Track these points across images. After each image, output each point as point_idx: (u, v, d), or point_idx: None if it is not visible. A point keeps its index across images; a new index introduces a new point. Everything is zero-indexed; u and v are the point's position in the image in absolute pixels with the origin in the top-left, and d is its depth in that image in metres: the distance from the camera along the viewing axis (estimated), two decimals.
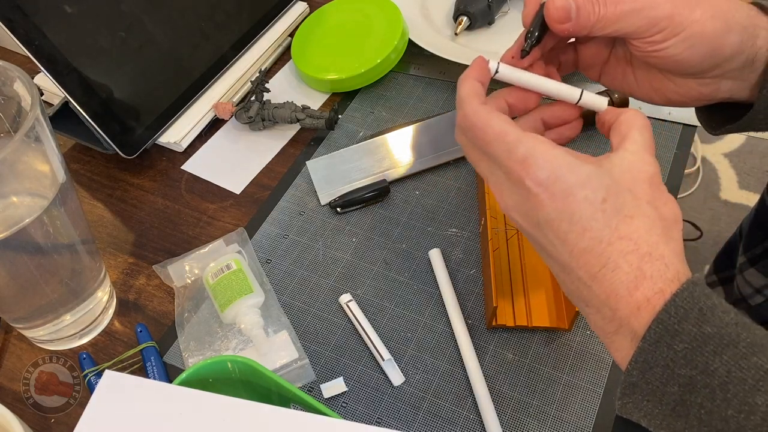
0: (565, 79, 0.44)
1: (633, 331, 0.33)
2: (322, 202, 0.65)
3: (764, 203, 0.68)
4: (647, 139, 0.37)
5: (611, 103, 0.64)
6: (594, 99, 0.41)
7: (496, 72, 0.41)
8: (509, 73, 0.42)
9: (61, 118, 0.67)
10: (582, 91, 0.41)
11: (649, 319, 0.33)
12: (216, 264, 0.58)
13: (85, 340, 0.58)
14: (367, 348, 0.55)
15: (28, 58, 0.61)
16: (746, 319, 0.32)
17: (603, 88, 0.68)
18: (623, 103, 0.65)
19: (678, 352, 0.32)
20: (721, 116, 0.45)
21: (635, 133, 0.37)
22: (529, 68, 0.43)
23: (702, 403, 0.32)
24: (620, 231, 0.34)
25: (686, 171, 1.49)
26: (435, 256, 0.60)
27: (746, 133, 1.60)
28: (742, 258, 0.72)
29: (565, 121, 0.44)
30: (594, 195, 0.34)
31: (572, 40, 0.46)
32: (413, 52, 0.76)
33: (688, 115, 0.68)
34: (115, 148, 0.67)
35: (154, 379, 0.54)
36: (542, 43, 0.41)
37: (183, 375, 0.41)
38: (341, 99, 0.75)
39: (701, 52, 0.39)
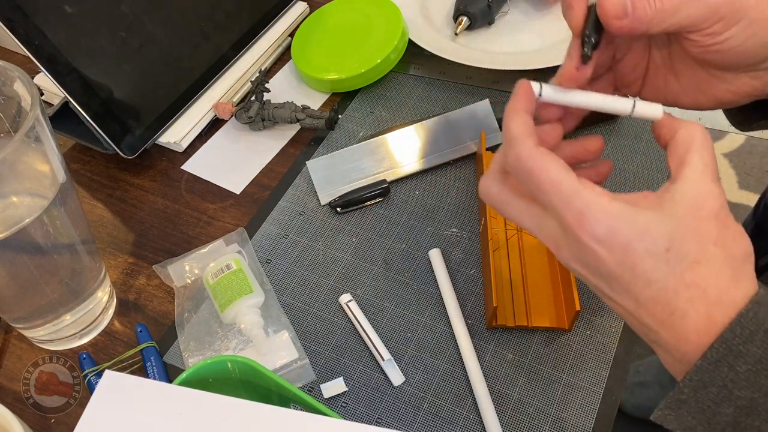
0: None
1: None
2: (322, 202, 0.65)
3: (767, 212, 0.66)
4: (708, 162, 0.35)
5: None
6: (648, 109, 0.39)
7: (540, 95, 0.39)
8: (554, 94, 0.39)
9: (61, 118, 0.67)
10: (635, 101, 0.39)
11: None
12: (216, 264, 0.58)
13: (85, 340, 0.58)
14: (367, 348, 0.55)
15: (28, 58, 0.61)
16: None
17: None
18: None
19: (740, 373, 0.31)
20: (753, 112, 0.43)
21: (694, 156, 0.35)
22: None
23: (760, 426, 0.31)
24: (686, 278, 0.33)
25: None
26: (435, 256, 0.60)
27: (747, 133, 1.60)
28: None
29: (592, 153, 0.42)
30: (655, 246, 0.33)
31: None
32: (413, 52, 0.76)
33: (688, 115, 0.68)
34: (115, 148, 0.67)
35: (154, 379, 0.54)
36: (597, 50, 0.39)
37: (183, 375, 0.41)
38: (341, 99, 0.75)
39: (761, 40, 0.36)
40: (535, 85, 0.39)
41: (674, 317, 0.33)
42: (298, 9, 0.83)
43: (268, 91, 0.72)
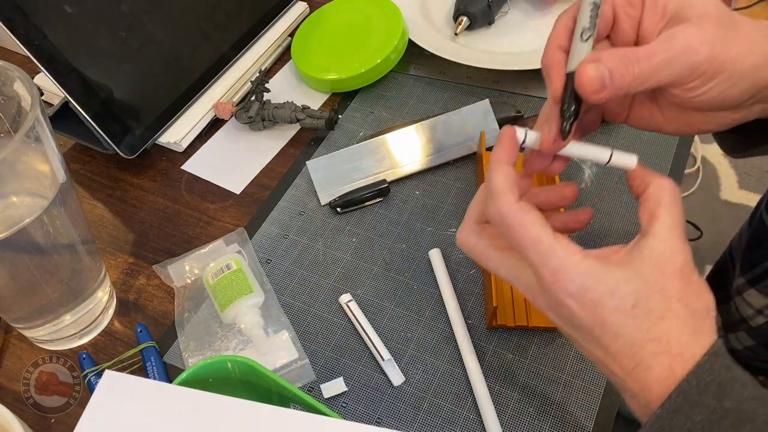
0: None
1: None
2: (322, 202, 0.65)
3: (763, 222, 0.67)
4: (676, 219, 0.36)
5: None
6: (624, 159, 0.40)
7: (523, 143, 0.40)
8: (537, 142, 0.40)
9: (61, 118, 0.67)
10: (612, 152, 0.40)
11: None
12: (216, 264, 0.58)
13: (85, 340, 0.58)
14: (367, 348, 0.55)
15: (28, 58, 0.61)
16: (764, 390, 0.33)
17: None
18: None
19: (696, 422, 0.33)
20: (744, 140, 0.44)
21: (663, 213, 0.36)
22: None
23: None
24: (651, 333, 0.34)
25: (686, 171, 1.49)
26: (435, 256, 0.60)
27: None
28: (740, 279, 0.70)
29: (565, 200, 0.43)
30: (623, 303, 0.35)
31: None
32: (413, 52, 0.76)
33: None
34: (115, 148, 0.67)
35: (154, 379, 0.54)
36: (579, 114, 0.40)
37: (183, 375, 0.41)
38: (341, 99, 0.75)
39: (741, 88, 0.38)
40: (519, 133, 0.39)
41: (639, 369, 0.35)
42: (298, 9, 0.83)
43: (268, 91, 0.72)
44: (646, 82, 0.37)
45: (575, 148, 0.40)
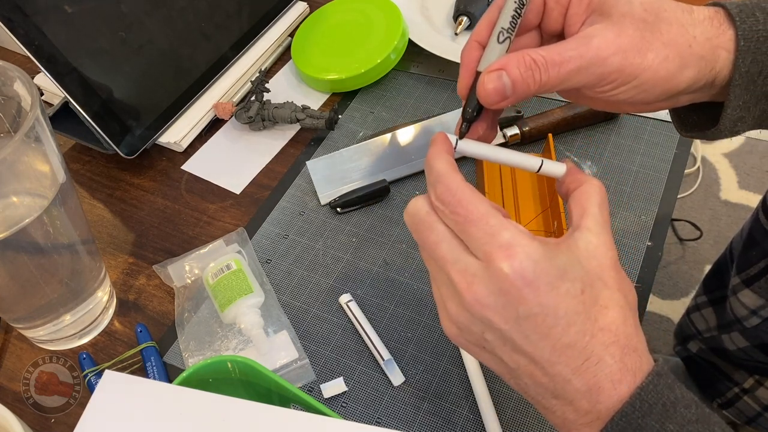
0: None
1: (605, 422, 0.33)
2: (322, 202, 0.65)
3: (759, 221, 0.66)
4: (606, 216, 0.36)
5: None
6: (553, 167, 0.40)
7: (455, 149, 0.40)
8: (468, 147, 0.40)
9: (61, 118, 0.67)
10: (542, 162, 0.40)
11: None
12: (216, 264, 0.58)
13: (85, 340, 0.58)
14: (367, 348, 0.55)
15: (28, 58, 0.61)
16: (706, 411, 0.33)
17: None
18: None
19: None
20: (691, 121, 0.44)
21: (595, 209, 0.36)
22: (472, 130, 0.41)
23: None
24: (599, 322, 0.33)
25: (686, 171, 1.49)
26: None
27: (745, 134, 1.60)
28: (735, 279, 0.70)
29: None
30: (574, 287, 0.33)
31: None
32: (413, 50, 0.76)
33: None
34: (115, 148, 0.67)
35: (154, 379, 0.54)
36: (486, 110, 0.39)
37: (183, 375, 0.41)
38: (341, 99, 0.75)
39: (654, 94, 0.37)
40: (452, 138, 0.39)
41: (589, 363, 0.33)
42: (298, 9, 0.83)
43: (268, 91, 0.72)
44: (553, 88, 0.37)
45: (508, 156, 0.40)
